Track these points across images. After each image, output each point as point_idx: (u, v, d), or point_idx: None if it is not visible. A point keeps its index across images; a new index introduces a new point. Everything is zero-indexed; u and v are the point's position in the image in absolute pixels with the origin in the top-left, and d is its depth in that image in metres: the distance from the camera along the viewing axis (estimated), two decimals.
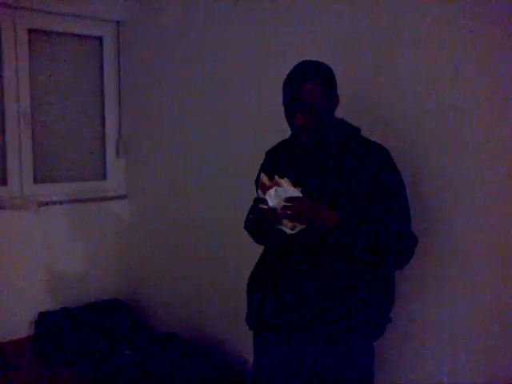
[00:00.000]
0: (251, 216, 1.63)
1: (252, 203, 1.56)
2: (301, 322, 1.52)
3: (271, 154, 1.74)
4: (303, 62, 1.56)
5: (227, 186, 2.63)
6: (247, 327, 1.71)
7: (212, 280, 2.81)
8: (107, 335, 3.00)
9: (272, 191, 1.45)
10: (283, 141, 1.73)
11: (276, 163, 1.67)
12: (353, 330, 1.51)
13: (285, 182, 1.46)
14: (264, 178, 1.49)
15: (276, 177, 1.48)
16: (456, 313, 1.67)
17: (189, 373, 2.36)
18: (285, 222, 1.46)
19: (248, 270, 1.75)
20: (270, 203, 1.45)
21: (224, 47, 2.59)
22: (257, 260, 1.73)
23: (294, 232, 1.48)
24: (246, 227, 1.77)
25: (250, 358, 1.79)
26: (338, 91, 1.57)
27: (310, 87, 1.48)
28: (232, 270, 2.62)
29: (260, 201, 1.48)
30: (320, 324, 1.50)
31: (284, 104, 1.55)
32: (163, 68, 3.08)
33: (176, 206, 3.07)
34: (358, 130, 1.62)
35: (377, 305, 1.54)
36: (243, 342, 2.46)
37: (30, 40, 3.17)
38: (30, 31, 3.17)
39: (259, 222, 1.57)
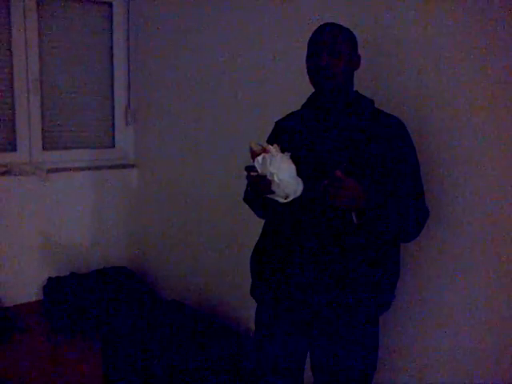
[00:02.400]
0: (249, 188, 1.59)
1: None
2: (306, 295, 1.52)
3: (281, 124, 1.71)
4: (329, 22, 1.57)
5: (237, 156, 2.61)
6: (252, 298, 1.72)
7: (219, 250, 2.83)
8: (114, 301, 3.05)
9: (260, 158, 1.41)
10: (294, 112, 1.70)
11: (286, 132, 1.64)
12: (360, 304, 1.51)
13: (273, 148, 1.42)
14: (253, 145, 1.45)
15: (264, 143, 1.45)
16: (459, 294, 1.68)
17: (194, 340, 2.39)
18: (277, 190, 1.41)
19: (254, 241, 1.75)
20: (259, 170, 1.41)
21: (239, 15, 2.53)
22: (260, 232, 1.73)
23: (286, 201, 1.43)
24: (244, 199, 1.74)
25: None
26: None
27: (338, 33, 1.50)
28: (239, 240, 2.63)
29: (250, 169, 1.44)
30: (326, 297, 1.50)
31: (309, 53, 1.53)
32: (174, 35, 3.03)
33: (184, 177, 3.07)
34: (372, 102, 1.59)
35: (384, 279, 1.54)
36: (249, 311, 2.49)
37: (38, 5, 3.13)
38: None
39: (253, 191, 1.52)
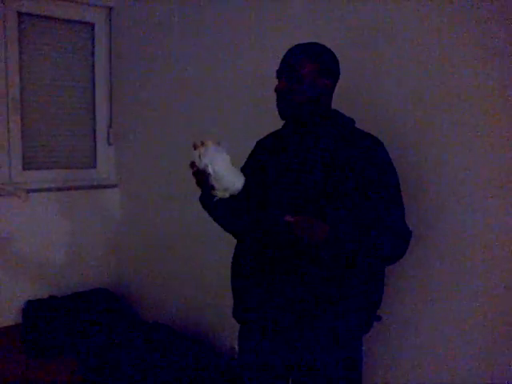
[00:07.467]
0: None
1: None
2: (287, 316, 1.50)
3: (261, 144, 1.71)
4: (304, 43, 1.55)
5: None
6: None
7: (202, 270, 2.80)
8: (94, 324, 2.99)
9: (196, 151, 1.44)
10: (274, 131, 1.69)
11: (265, 153, 1.63)
12: (339, 326, 1.49)
13: (209, 141, 1.43)
14: (195, 141, 1.46)
15: (204, 139, 1.45)
16: (449, 312, 1.68)
17: (176, 362, 2.35)
18: (215, 184, 1.42)
19: None
20: (197, 164, 1.43)
21: (217, 35, 2.56)
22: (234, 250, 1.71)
23: (225, 197, 1.44)
24: (199, 199, 1.72)
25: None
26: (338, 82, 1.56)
27: (301, 58, 1.48)
28: (223, 260, 2.60)
29: (192, 165, 1.46)
30: (306, 318, 1.48)
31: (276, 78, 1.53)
32: (155, 55, 3.03)
33: (166, 196, 3.05)
34: (352, 121, 1.59)
35: (363, 301, 1.52)
36: (232, 332, 2.47)
37: (19, 24, 3.11)
38: (20, 14, 3.11)
39: (199, 187, 1.51)
